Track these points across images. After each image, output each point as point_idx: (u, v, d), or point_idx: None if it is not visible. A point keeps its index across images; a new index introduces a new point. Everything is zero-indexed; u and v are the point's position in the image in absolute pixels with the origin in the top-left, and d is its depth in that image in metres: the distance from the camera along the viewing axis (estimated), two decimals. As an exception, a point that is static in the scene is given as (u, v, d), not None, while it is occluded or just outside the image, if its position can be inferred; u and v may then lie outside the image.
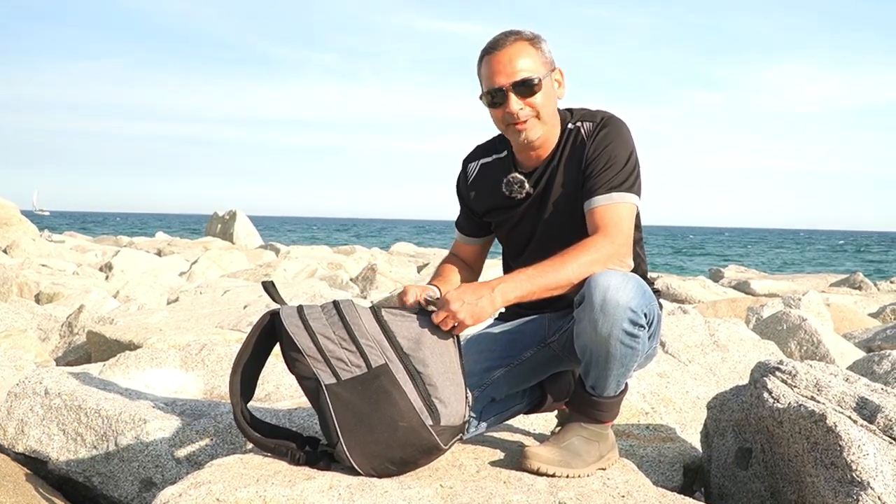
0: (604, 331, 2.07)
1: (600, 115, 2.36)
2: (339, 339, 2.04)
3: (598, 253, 2.15)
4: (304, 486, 1.90)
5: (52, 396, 2.82)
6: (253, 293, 6.89)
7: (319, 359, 2.03)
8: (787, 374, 2.57)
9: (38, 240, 15.64)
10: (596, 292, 2.05)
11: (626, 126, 2.34)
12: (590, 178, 2.28)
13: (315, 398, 2.05)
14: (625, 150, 2.29)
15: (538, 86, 2.27)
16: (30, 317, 6.42)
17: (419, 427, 2.01)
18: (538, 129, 2.31)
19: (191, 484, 1.90)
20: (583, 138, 2.33)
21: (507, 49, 2.27)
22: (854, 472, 2.15)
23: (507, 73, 2.26)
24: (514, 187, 2.39)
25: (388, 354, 2.03)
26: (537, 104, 2.28)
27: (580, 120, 2.37)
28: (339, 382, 2.02)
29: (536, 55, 2.29)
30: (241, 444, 2.68)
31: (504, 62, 2.26)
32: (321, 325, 2.05)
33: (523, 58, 2.27)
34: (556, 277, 2.11)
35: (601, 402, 2.23)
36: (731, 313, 7.36)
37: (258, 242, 25.28)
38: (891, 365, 4.27)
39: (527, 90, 2.27)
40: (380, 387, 2.01)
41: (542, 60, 2.30)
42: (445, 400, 2.03)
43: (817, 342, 5.43)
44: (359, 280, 10.92)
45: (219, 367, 3.59)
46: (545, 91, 2.30)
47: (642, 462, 2.80)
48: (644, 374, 3.66)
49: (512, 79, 2.26)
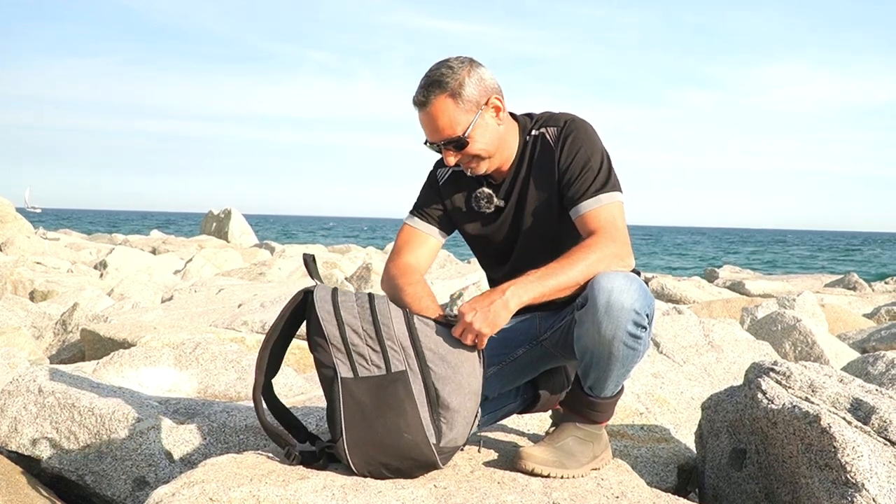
0: (608, 333, 2.06)
1: (563, 118, 2.35)
2: (366, 334, 2.03)
3: (602, 252, 2.15)
4: (298, 486, 1.90)
5: (46, 394, 2.81)
6: (247, 292, 6.87)
7: (342, 350, 2.02)
8: (781, 375, 2.57)
9: (33, 237, 15.59)
10: (600, 295, 2.05)
11: (591, 125, 2.34)
12: (570, 185, 2.27)
13: (329, 388, 2.04)
14: (596, 150, 2.29)
15: (466, 139, 2.26)
16: (24, 314, 6.40)
17: (422, 443, 2.00)
18: (483, 166, 2.32)
19: (184, 483, 1.89)
20: (549, 144, 2.33)
21: (429, 109, 2.25)
22: (848, 474, 2.15)
23: (434, 134, 2.27)
24: (482, 203, 2.39)
25: (409, 362, 2.02)
26: (472, 151, 2.28)
27: (543, 125, 2.36)
28: (356, 379, 2.02)
29: (458, 108, 2.24)
30: (235, 443, 2.67)
31: (429, 124, 2.27)
32: (351, 317, 2.04)
33: (445, 116, 2.24)
34: (565, 278, 2.10)
35: (598, 402, 2.23)
36: (726, 314, 7.38)
37: (253, 241, 25.24)
38: (885, 366, 4.28)
39: (456, 146, 2.27)
40: (394, 393, 2.01)
41: (467, 108, 2.24)
42: (454, 423, 2.02)
43: (812, 343, 5.43)
44: (354, 279, 10.90)
45: (213, 365, 3.58)
46: (478, 134, 2.27)
47: (636, 463, 2.80)
48: (638, 375, 3.66)
49: (440, 138, 2.27)
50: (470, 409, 2.05)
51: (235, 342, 4.36)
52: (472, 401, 2.06)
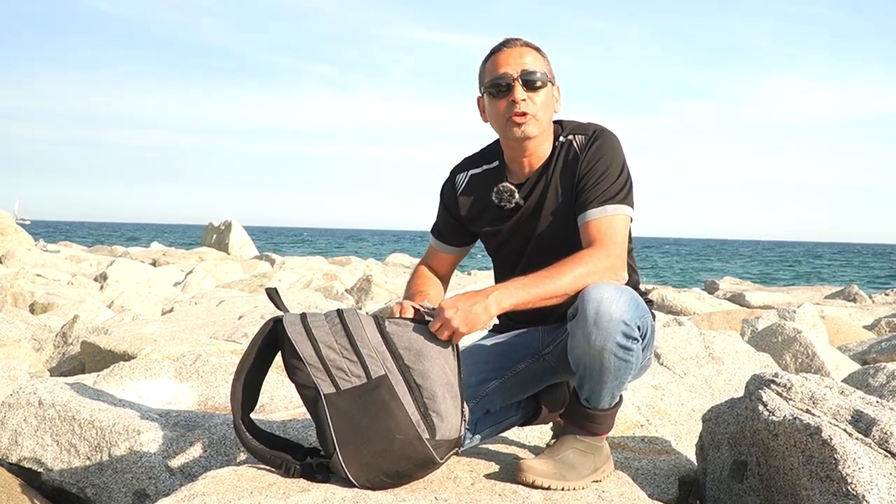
0: (597, 344, 2.07)
1: (592, 127, 2.38)
2: (341, 347, 2.04)
3: (593, 265, 2.15)
4: (299, 499, 1.90)
5: (46, 407, 2.81)
6: (248, 304, 6.87)
7: (320, 367, 2.02)
8: (782, 387, 2.57)
9: (33, 249, 15.60)
10: (589, 305, 2.06)
11: (618, 138, 2.36)
12: (583, 191, 2.29)
13: (313, 407, 2.04)
14: (617, 162, 2.30)
15: (543, 84, 2.31)
16: (24, 327, 6.39)
17: (416, 440, 2.00)
18: (536, 128, 2.32)
19: (185, 496, 1.89)
20: (576, 151, 2.34)
21: (517, 48, 2.33)
22: (849, 486, 2.15)
23: (515, 65, 2.31)
24: (504, 196, 2.39)
25: (388, 365, 2.03)
26: (539, 102, 2.31)
27: (572, 133, 2.38)
28: (339, 392, 2.02)
29: (543, 61, 2.36)
30: (236, 455, 2.67)
31: (514, 56, 2.32)
32: (323, 334, 2.05)
33: (530, 56, 2.33)
34: (551, 287, 2.11)
35: (596, 414, 2.23)
36: (726, 325, 7.37)
37: (253, 253, 25.25)
38: (886, 377, 4.27)
39: (532, 84, 2.30)
40: (378, 398, 2.01)
41: (547, 68, 2.36)
42: (443, 414, 2.03)
43: (812, 354, 5.43)
44: (354, 291, 10.89)
45: (213, 378, 3.58)
46: (547, 94, 2.33)
47: (637, 475, 2.80)
48: (639, 387, 3.66)
49: (520, 69, 2.30)
50: (456, 398, 2.05)
51: (236, 354, 4.36)
52: (456, 388, 2.06)
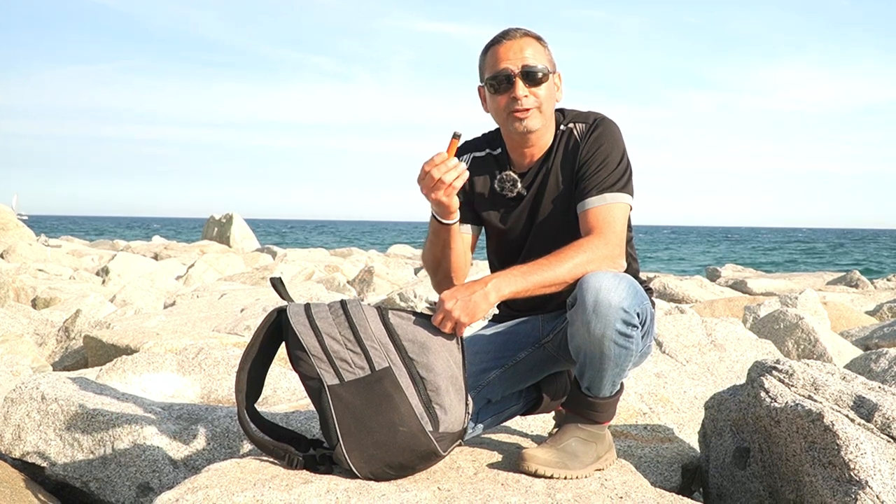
0: (597, 332, 2.07)
1: (592, 116, 2.37)
2: (345, 339, 2.04)
3: (592, 253, 2.15)
4: (302, 490, 1.90)
5: (49, 402, 2.82)
6: (250, 296, 6.87)
7: (324, 359, 2.03)
8: (784, 374, 2.57)
9: (35, 244, 15.61)
10: (588, 293, 2.05)
11: (618, 127, 2.35)
12: (583, 179, 2.28)
13: (317, 398, 2.05)
14: (617, 150, 2.30)
15: (544, 77, 2.30)
16: (26, 322, 6.41)
17: (419, 432, 2.00)
18: (538, 121, 2.31)
19: (188, 489, 1.89)
20: (576, 140, 2.34)
21: (518, 40, 2.31)
22: (852, 471, 2.15)
23: (515, 60, 2.29)
24: (507, 185, 2.39)
25: (391, 357, 2.03)
26: (541, 96, 2.30)
27: (572, 121, 2.37)
28: (342, 384, 2.02)
29: (543, 51, 2.34)
30: (239, 448, 2.67)
31: (514, 50, 2.30)
32: (327, 325, 2.05)
33: (531, 49, 2.31)
34: (550, 275, 2.11)
35: (597, 402, 2.23)
36: (728, 312, 7.37)
37: (255, 245, 25.24)
38: (888, 363, 4.27)
39: (533, 79, 2.28)
40: (382, 390, 2.01)
41: (548, 58, 2.34)
42: (446, 406, 2.03)
43: (814, 341, 5.43)
44: (356, 282, 10.90)
45: (216, 371, 3.58)
46: (549, 86, 2.32)
47: (640, 462, 2.80)
48: (641, 375, 3.66)
49: (521, 64, 2.28)
50: (460, 390, 2.06)
51: (238, 347, 4.36)
52: (460, 381, 2.06)
